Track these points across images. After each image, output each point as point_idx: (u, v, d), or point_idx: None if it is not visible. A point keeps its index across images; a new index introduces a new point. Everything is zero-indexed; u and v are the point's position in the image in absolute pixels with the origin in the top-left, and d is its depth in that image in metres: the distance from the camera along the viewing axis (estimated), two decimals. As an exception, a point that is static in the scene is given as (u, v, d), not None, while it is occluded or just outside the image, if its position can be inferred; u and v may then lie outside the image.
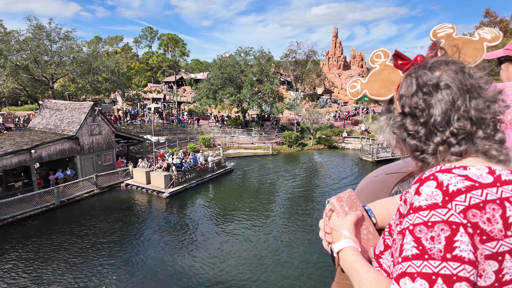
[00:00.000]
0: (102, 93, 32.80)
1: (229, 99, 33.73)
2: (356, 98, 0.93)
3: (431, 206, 0.63)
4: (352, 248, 0.82)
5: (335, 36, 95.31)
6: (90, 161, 23.01)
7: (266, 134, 37.72)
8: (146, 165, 22.90)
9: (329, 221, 0.92)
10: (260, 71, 37.61)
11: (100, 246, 14.79)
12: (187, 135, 35.04)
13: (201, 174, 23.66)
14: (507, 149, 0.72)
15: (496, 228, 0.61)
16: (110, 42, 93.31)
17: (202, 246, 14.78)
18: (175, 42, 35.23)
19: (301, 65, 42.18)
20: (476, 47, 0.86)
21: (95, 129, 22.90)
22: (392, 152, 30.42)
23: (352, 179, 25.38)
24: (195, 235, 15.95)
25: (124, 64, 34.14)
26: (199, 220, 17.84)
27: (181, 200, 20.83)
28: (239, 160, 31.59)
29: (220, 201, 20.84)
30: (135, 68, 34.35)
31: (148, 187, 21.57)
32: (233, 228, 16.71)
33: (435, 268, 0.58)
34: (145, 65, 41.57)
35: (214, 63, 36.56)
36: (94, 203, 20.59)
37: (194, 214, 18.78)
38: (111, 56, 32.25)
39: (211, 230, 16.52)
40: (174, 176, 21.20)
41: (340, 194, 0.94)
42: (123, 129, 34.80)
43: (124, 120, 37.14)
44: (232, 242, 15.09)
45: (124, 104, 40.52)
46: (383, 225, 0.98)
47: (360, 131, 39.54)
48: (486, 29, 0.90)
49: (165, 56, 35.71)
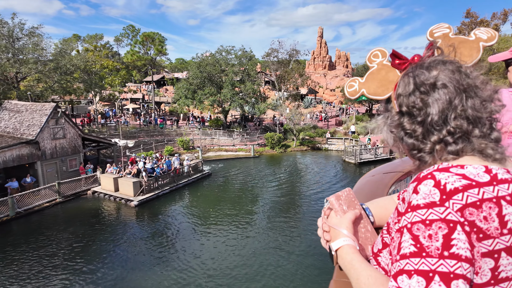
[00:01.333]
0: (74, 93, 30.81)
1: (209, 99, 32.36)
2: (354, 97, 0.93)
3: (429, 205, 0.63)
4: (350, 246, 0.83)
5: (321, 36, 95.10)
6: (54, 167, 21.26)
7: (248, 136, 36.55)
8: (115, 170, 21.33)
9: (328, 219, 0.92)
10: (241, 70, 36.41)
11: (58, 261, 13.32)
12: (165, 137, 33.46)
13: (176, 179, 22.26)
14: (503, 148, 0.73)
15: (493, 226, 0.62)
16: (89, 40, 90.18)
17: (172, 259, 13.49)
18: (152, 40, 33.58)
19: (283, 65, 41.17)
20: (472, 47, 0.87)
21: (59, 132, 21.16)
22: (375, 154, 29.76)
23: (334, 183, 24.49)
24: (164, 248, 14.61)
25: (98, 63, 32.26)
26: (170, 231, 16.50)
27: (152, 208, 19.40)
28: (219, 163, 30.29)
29: (195, 209, 19.53)
30: (108, 67, 32.48)
31: (116, 194, 20.03)
32: (208, 238, 15.48)
33: (433, 265, 0.59)
34: (120, 64, 39.71)
35: (192, 62, 35.11)
36: (56, 213, 18.92)
37: (165, 224, 17.41)
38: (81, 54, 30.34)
39: (183, 241, 15.23)
40: (144, 183, 19.74)
41: (338, 192, 0.94)
42: (96, 131, 32.94)
43: (98, 122, 35.22)
44: (206, 254, 13.86)
45: (99, 105, 38.57)
46: (381, 224, 0.99)
47: (343, 132, 38.87)
48: (482, 29, 0.90)
49: (140, 54, 33.95)
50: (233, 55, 36.05)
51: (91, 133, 31.63)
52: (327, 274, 12.38)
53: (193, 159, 26.86)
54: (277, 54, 40.84)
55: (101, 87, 31.06)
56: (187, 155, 31.07)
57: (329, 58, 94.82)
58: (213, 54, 35.76)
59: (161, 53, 35.08)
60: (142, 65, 34.91)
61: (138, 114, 43.65)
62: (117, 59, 52.27)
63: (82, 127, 35.37)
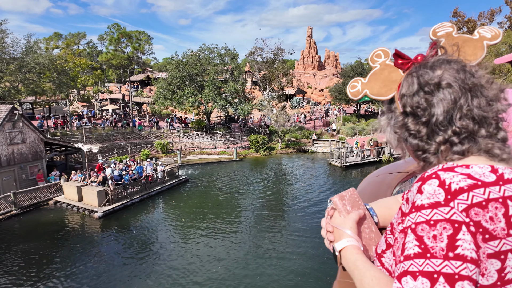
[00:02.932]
0: (43, 94, 28.76)
1: (189, 99, 30.71)
2: (357, 98, 0.91)
3: (434, 205, 0.62)
4: (354, 247, 0.82)
5: (310, 36, 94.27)
6: (11, 175, 19.38)
7: (232, 138, 35.05)
8: (80, 178, 19.57)
9: (331, 219, 0.91)
10: (225, 70, 34.86)
11: (10, 283, 11.62)
12: (143, 140, 31.68)
13: (148, 187, 20.62)
14: (510, 148, 0.71)
15: (499, 226, 0.61)
16: (71, 39, 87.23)
17: (142, 277, 11.94)
18: (128, 37, 31.77)
19: (268, 64, 39.76)
20: (476, 46, 0.85)
21: (17, 136, 19.29)
22: (362, 157, 28.62)
23: (320, 188, 23.18)
24: (128, 267, 13.01)
25: (70, 62, 30.22)
26: (139, 244, 14.93)
27: (120, 219, 17.73)
28: (200, 168, 28.73)
29: (169, 219, 17.94)
30: (82, 65, 30.55)
31: (79, 205, 18.29)
32: (181, 252, 14.02)
33: (437, 266, 0.58)
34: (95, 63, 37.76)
35: (171, 61, 33.40)
36: (11, 226, 17.07)
37: (134, 237, 15.81)
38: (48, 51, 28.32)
39: (151, 257, 13.70)
40: (110, 192, 18.07)
41: (342, 192, 0.94)
42: (69, 134, 30.95)
43: (71, 124, 33.19)
44: (181, 270, 12.38)
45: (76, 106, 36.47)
46: (385, 224, 0.98)
47: (330, 133, 37.72)
48: (486, 28, 0.88)
49: (116, 52, 32.10)
50: (215, 54, 34.47)
51: (62, 136, 29.69)
52: (312, 278, 11.64)
53: (168, 164, 25.21)
54: (261, 53, 39.43)
55: (73, 87, 29.06)
56: (166, 159, 29.42)
57: (318, 58, 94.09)
58: (194, 52, 34.12)
59: (138, 51, 33.30)
60: (118, 63, 33.12)
61: (118, 116, 41.71)
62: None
63: (55, 129, 33.34)
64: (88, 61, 34.18)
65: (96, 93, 38.82)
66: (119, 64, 33.88)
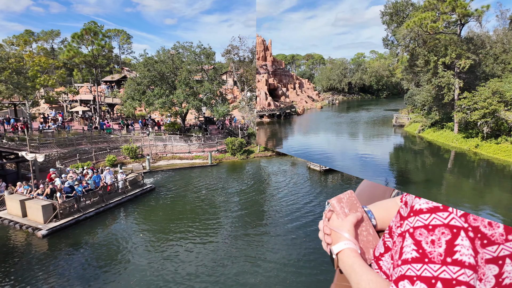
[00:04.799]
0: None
1: (159, 100, 28.65)
2: None
3: (432, 209, 0.63)
4: (352, 250, 0.81)
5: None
6: None
7: (208, 141, 33.17)
8: (25, 190, 17.33)
9: (329, 222, 0.91)
10: (199, 69, 32.95)
11: None
12: (109, 145, 29.39)
13: (106, 198, 18.56)
14: None
15: (498, 232, 0.61)
16: (44, 37, 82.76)
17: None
18: (93, 34, 29.47)
19: (245, 64, 38.10)
20: None
21: (-50, 144, 16.88)
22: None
23: (298, 193, 21.67)
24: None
25: (28, 61, 27.67)
26: (90, 267, 12.98)
27: (70, 237, 15.62)
28: (171, 174, 26.74)
29: (129, 234, 15.96)
30: (42, 64, 28.00)
31: (23, 221, 16.08)
32: (143, 271, 12.16)
33: (435, 272, 0.58)
34: (56, 61, 35.09)
35: (141, 61, 31.23)
36: None
37: (85, 257, 13.83)
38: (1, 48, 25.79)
39: (107, 279, 11.81)
40: (58, 205, 15.95)
41: (340, 195, 0.93)
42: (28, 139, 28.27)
43: (31, 128, 30.51)
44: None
45: (35, 109, 33.78)
46: (383, 227, 0.97)
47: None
48: None
49: (79, 50, 29.76)
50: (189, 52, 32.51)
51: (21, 142, 27.09)
52: None
53: (132, 171, 23.14)
54: (237, 52, 37.71)
55: (31, 87, 26.53)
56: (134, 165, 27.30)
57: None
58: (165, 50, 32.04)
59: (103, 48, 31.00)
60: (81, 62, 30.72)
61: (87, 118, 39.10)
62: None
63: (13, 133, 30.61)
64: (50, 60, 31.55)
65: (60, 94, 36.11)
66: (82, 63, 31.50)
